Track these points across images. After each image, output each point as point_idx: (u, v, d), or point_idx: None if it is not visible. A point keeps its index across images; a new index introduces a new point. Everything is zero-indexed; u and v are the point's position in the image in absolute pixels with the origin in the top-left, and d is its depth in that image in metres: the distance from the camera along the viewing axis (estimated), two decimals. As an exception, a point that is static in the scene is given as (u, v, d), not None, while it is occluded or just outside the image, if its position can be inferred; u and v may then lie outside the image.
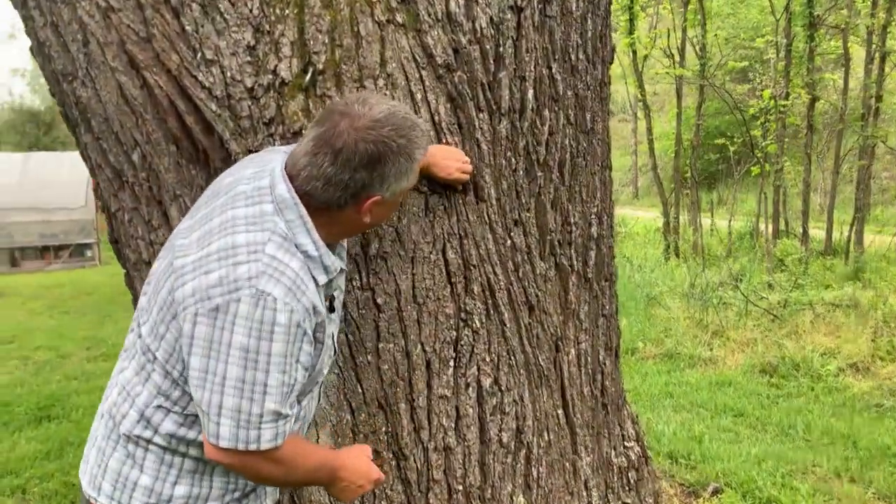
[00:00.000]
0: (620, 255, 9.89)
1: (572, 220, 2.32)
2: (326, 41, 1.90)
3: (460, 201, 2.05)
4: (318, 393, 1.61)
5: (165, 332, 1.27)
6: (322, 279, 1.35)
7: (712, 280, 7.68)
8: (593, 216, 2.42)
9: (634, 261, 9.64)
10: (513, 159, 2.14)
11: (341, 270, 1.47)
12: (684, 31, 11.32)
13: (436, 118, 2.01)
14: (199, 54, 1.88)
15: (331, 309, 1.47)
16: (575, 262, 2.34)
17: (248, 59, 2.00)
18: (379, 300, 1.96)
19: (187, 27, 1.86)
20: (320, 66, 1.94)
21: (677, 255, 10.58)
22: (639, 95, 11.89)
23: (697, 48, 11.10)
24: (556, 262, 2.28)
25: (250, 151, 1.96)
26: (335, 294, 1.51)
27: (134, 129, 2.02)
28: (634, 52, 11.22)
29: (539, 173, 2.20)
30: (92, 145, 2.15)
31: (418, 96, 1.99)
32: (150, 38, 1.88)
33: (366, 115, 1.33)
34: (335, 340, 1.54)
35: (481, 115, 2.07)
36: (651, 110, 12.37)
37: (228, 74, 1.89)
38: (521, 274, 2.17)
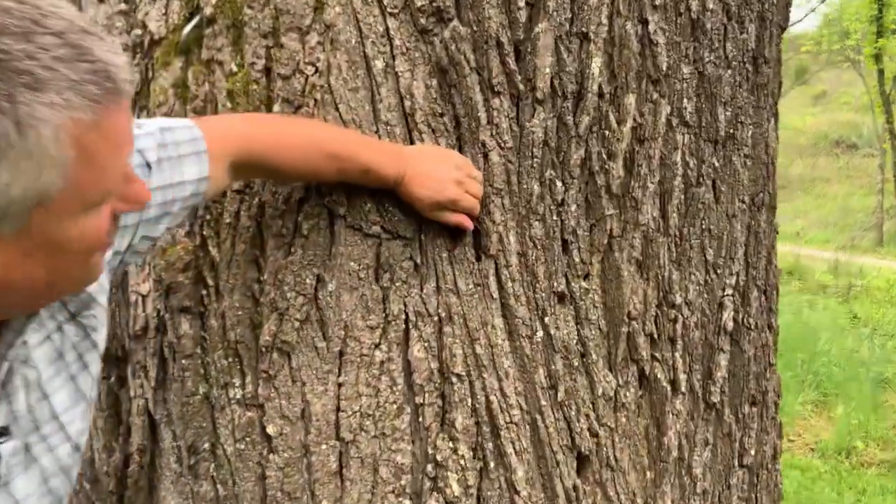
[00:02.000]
0: (847, 314, 8.03)
1: (680, 298, 1.29)
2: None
3: (443, 255, 1.12)
4: None
5: None
6: None
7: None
8: (728, 291, 1.36)
9: (866, 326, 7.73)
10: (556, 183, 1.17)
11: None
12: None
13: (407, 103, 1.11)
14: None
15: None
16: (681, 374, 1.30)
17: (122, 6, 1.23)
18: (270, 429, 1.09)
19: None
20: (208, 12, 1.12)
21: (928, 321, 8.40)
22: (885, 123, 9.80)
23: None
24: (639, 373, 1.26)
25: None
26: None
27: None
28: (881, 71, 9.22)
29: (610, 210, 1.21)
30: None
31: (378, 64, 1.10)
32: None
33: None
34: None
35: (496, 102, 1.13)
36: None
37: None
38: (560, 395, 1.18)
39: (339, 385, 1.09)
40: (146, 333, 1.15)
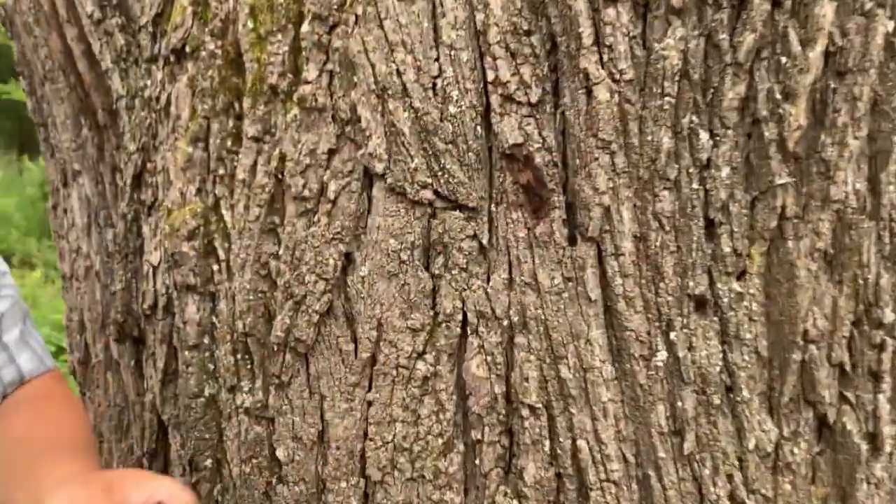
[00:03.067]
0: None
1: (892, 315, 0.85)
2: None
3: (520, 235, 0.79)
4: None
5: None
6: None
7: None
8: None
9: None
10: (700, 133, 0.79)
11: None
12: None
13: (480, 17, 0.79)
14: None
15: None
16: (886, 426, 0.87)
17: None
18: (280, 452, 0.83)
19: None
20: None
21: None
22: None
23: None
24: (817, 420, 0.86)
25: (135, 97, 0.98)
26: None
27: (34, 54, 1.17)
28: None
29: (784, 177, 0.80)
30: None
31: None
32: None
33: None
34: None
35: (609, 12, 0.77)
36: None
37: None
38: (689, 445, 0.81)
39: (369, 404, 0.80)
40: (155, 313, 0.93)
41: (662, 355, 0.80)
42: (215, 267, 0.87)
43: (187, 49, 0.89)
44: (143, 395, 0.98)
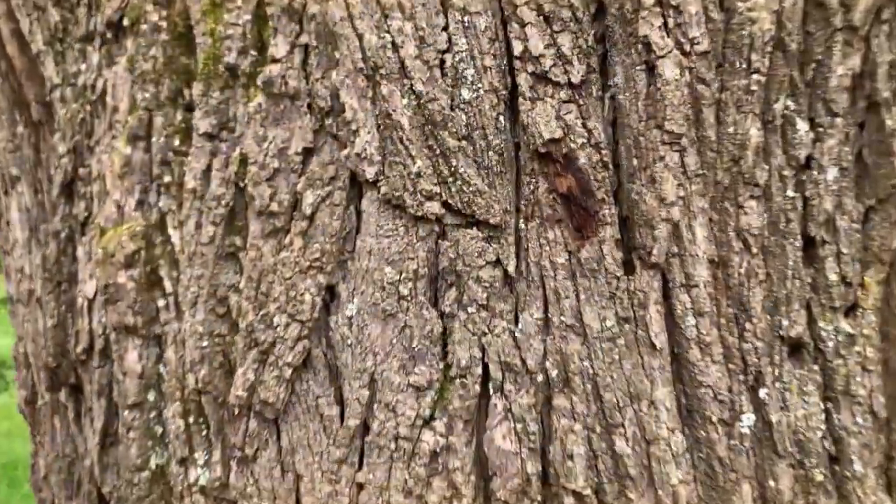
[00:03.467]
0: None
1: None
2: None
3: (559, 261, 0.59)
4: None
5: None
6: None
7: None
8: None
9: None
10: (796, 122, 0.59)
11: None
12: None
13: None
14: None
15: None
16: None
17: None
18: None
19: None
20: None
21: None
22: None
23: None
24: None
25: (73, 85, 0.79)
26: None
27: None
28: None
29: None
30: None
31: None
32: None
33: None
34: None
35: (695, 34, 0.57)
36: None
37: None
38: None
39: (359, 487, 0.60)
40: (91, 358, 0.74)
41: (749, 419, 0.60)
42: (161, 302, 0.68)
43: (125, 22, 0.70)
44: (81, 460, 0.79)
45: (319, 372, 0.61)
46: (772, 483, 0.60)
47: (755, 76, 0.57)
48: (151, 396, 0.68)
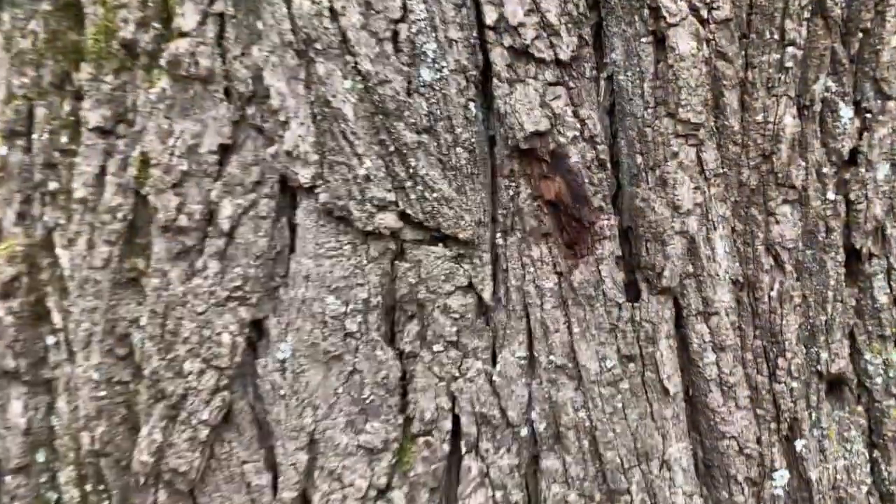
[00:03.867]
0: None
1: None
2: None
3: (546, 286, 0.46)
4: None
5: None
6: None
7: None
8: None
9: None
10: (840, 112, 0.47)
11: None
12: None
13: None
14: None
15: None
16: None
17: None
18: None
19: None
20: None
21: None
22: None
23: None
24: None
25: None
26: None
27: None
28: None
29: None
30: None
31: None
32: None
33: None
34: None
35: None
36: None
37: None
38: None
39: None
40: (-31, 408, 0.60)
41: (782, 477, 0.49)
42: (50, 340, 0.54)
43: (0, -11, 0.55)
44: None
45: (245, 431, 0.48)
46: (810, 554, 0.49)
47: (790, 49, 0.46)
48: (41, 457, 0.55)
